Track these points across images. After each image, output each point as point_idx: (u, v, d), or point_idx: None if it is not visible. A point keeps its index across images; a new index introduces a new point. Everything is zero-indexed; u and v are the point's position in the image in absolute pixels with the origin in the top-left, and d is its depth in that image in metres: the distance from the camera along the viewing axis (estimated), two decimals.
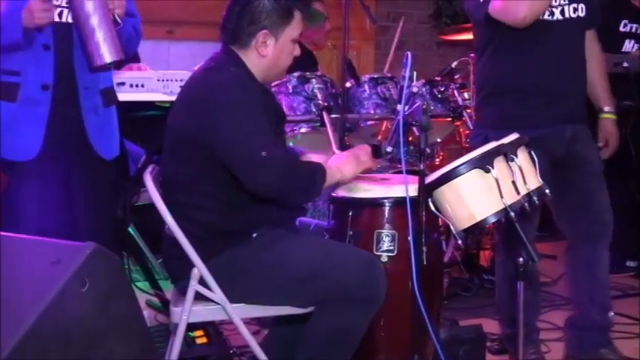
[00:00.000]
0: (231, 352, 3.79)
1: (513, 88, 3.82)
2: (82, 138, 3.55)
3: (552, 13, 3.78)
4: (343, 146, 4.15)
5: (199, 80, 3.23)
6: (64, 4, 3.47)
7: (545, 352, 4.17)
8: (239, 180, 3.02)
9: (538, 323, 4.44)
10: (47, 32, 3.42)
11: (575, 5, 3.80)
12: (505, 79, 3.85)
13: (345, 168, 3.18)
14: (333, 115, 4.70)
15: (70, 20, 3.46)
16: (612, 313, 4.02)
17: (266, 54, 3.18)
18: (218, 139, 3.02)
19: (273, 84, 4.43)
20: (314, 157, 3.40)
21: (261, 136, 3.03)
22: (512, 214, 3.01)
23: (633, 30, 3.95)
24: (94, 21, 3.32)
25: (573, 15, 3.81)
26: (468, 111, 5.15)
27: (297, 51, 3.27)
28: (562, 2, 3.78)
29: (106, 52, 3.34)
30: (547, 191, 3.19)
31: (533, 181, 3.15)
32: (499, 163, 3.02)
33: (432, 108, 5.04)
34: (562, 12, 3.79)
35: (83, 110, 3.55)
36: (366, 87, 4.96)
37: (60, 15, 3.47)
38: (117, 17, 3.42)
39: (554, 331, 4.48)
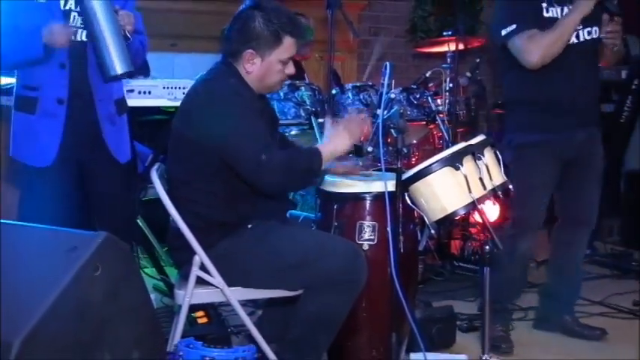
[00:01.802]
0: (228, 330, 3.78)
1: (533, 100, 3.87)
2: (99, 144, 3.55)
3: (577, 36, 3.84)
4: None
5: (201, 89, 3.22)
6: (79, 25, 3.47)
7: (510, 329, 4.19)
8: (245, 180, 3.04)
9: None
10: (63, 52, 3.41)
11: (589, 29, 3.84)
12: (526, 93, 3.91)
13: (338, 141, 3.17)
14: (320, 120, 4.70)
15: (84, 39, 3.46)
16: None
17: (251, 71, 3.17)
18: (220, 145, 3.02)
19: None
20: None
21: (259, 141, 3.04)
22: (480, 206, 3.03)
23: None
24: (108, 36, 3.32)
25: (588, 37, 3.85)
26: (441, 115, 5.16)
27: (290, 70, 3.25)
28: (577, 27, 3.80)
29: (118, 64, 3.34)
30: (510, 187, 3.20)
31: (498, 177, 3.16)
32: (468, 161, 3.02)
33: (408, 113, 5.04)
34: (577, 36, 3.83)
35: (100, 119, 3.54)
36: (350, 94, 4.96)
37: (75, 34, 3.46)
38: (127, 33, 3.41)
39: (517, 311, 4.49)
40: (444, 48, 5.63)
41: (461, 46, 5.47)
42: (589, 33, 3.85)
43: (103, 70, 3.40)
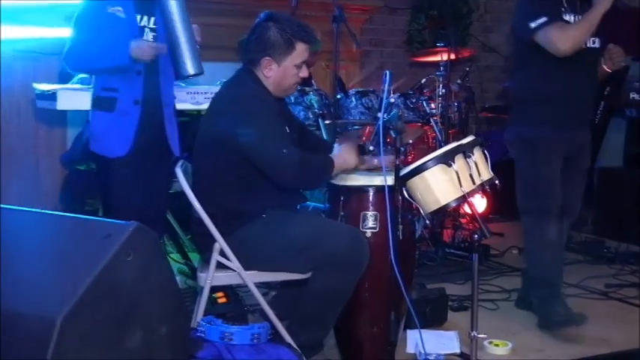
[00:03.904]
0: (245, 309, 3.78)
1: (547, 97, 3.86)
2: (163, 139, 3.70)
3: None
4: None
5: (226, 93, 3.27)
6: (150, 39, 3.62)
7: (493, 309, 4.18)
8: (265, 174, 3.07)
9: (488, 287, 4.48)
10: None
11: (593, 39, 3.87)
12: (540, 90, 3.89)
13: (348, 157, 3.22)
14: (326, 121, 4.70)
15: (155, 53, 3.56)
16: None
17: (269, 76, 3.19)
18: (245, 142, 3.04)
19: None
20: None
21: (280, 139, 3.09)
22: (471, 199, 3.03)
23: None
24: (184, 41, 3.44)
25: (592, 45, 3.87)
26: (434, 118, 5.15)
27: (305, 73, 3.26)
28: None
29: (190, 66, 3.44)
30: (497, 182, 3.19)
31: (486, 173, 3.14)
32: (459, 159, 3.01)
33: (406, 115, 5.04)
34: (586, 42, 3.83)
35: (165, 120, 3.70)
36: (353, 98, 4.95)
37: None
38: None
39: (502, 293, 4.49)
40: (437, 58, 5.62)
41: (452, 56, 5.45)
42: (593, 42, 3.88)
43: (177, 70, 3.51)
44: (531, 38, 3.78)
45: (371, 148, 3.47)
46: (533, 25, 3.78)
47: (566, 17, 3.83)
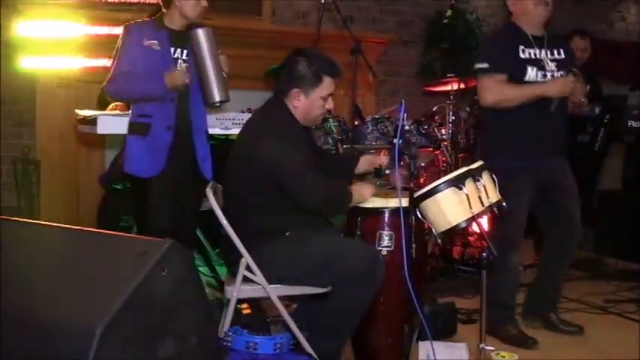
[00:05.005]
0: (268, 320, 3.77)
1: (513, 129, 3.81)
2: (194, 162, 3.73)
3: (545, 76, 3.82)
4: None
5: (257, 121, 3.30)
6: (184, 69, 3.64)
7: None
8: (291, 197, 3.08)
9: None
10: (173, 90, 3.60)
11: (562, 72, 3.82)
12: (505, 121, 3.83)
13: (364, 192, 3.26)
14: (345, 145, 4.70)
15: (187, 81, 3.61)
16: None
17: (298, 106, 3.21)
18: (275, 168, 3.07)
19: None
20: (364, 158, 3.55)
21: (307, 165, 3.11)
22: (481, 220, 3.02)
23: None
24: (211, 71, 3.55)
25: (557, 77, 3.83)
26: (445, 143, 5.14)
27: (330, 105, 3.28)
28: (553, 69, 3.79)
29: (217, 93, 3.55)
30: (504, 204, 3.17)
31: (494, 196, 3.14)
32: (469, 182, 3.01)
33: (418, 141, 5.03)
34: (552, 76, 3.81)
35: (196, 143, 3.73)
36: (369, 125, 4.95)
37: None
38: (224, 73, 3.62)
39: None
40: (447, 87, 5.61)
41: (462, 86, 5.46)
42: (561, 75, 3.83)
43: (205, 97, 3.60)
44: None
45: (387, 172, 3.47)
46: (477, 66, 3.79)
47: (527, 54, 3.79)
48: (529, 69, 3.78)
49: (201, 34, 3.55)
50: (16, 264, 2.41)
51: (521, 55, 3.78)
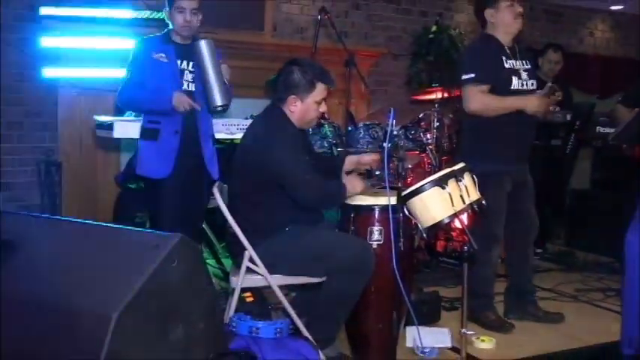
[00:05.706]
0: (269, 307, 3.77)
1: (490, 134, 3.79)
2: (201, 164, 3.73)
3: (523, 85, 3.81)
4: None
5: (258, 125, 3.29)
6: (189, 79, 3.68)
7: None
8: (291, 195, 3.09)
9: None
10: None
11: (532, 81, 3.83)
12: (483, 127, 3.80)
13: (355, 185, 3.23)
14: (339, 149, 4.70)
15: (193, 89, 3.66)
16: None
17: (294, 111, 3.21)
18: (275, 169, 3.06)
19: None
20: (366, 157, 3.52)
21: (304, 165, 3.11)
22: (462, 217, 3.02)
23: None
24: (213, 78, 3.53)
25: (530, 88, 3.83)
26: (430, 147, 5.14)
27: (324, 108, 3.28)
28: (526, 78, 3.79)
29: (219, 98, 3.54)
30: (483, 202, 3.17)
31: (474, 194, 3.14)
32: (451, 182, 3.01)
33: (406, 145, 5.03)
34: (527, 85, 3.81)
35: (203, 147, 3.73)
36: (361, 130, 4.95)
37: (188, 85, 3.69)
38: (225, 80, 3.62)
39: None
40: (432, 96, 5.60)
41: (446, 95, 5.45)
42: (532, 84, 3.84)
43: (207, 102, 3.58)
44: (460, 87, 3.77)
45: (377, 172, 3.47)
46: (463, 77, 3.77)
47: (510, 64, 3.78)
48: (514, 79, 3.77)
49: (202, 45, 3.55)
50: (40, 256, 2.41)
51: (506, 66, 3.77)
